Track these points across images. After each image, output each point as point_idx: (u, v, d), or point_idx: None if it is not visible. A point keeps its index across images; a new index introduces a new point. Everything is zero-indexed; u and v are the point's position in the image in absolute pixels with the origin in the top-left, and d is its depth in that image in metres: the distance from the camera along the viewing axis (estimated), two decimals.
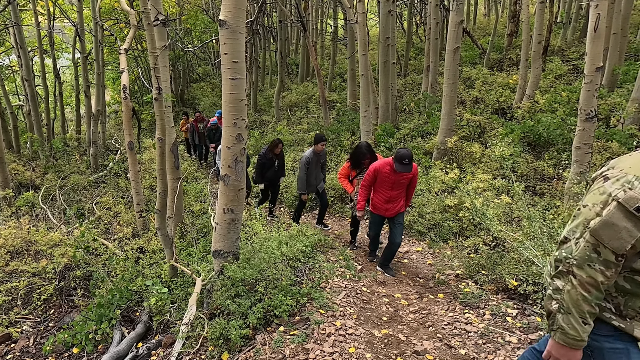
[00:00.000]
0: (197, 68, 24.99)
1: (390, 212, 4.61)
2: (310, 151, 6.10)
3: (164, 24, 5.40)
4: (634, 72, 8.08)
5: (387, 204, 4.57)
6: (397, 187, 4.51)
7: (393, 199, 4.55)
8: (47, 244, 5.99)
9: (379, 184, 4.53)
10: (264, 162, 6.57)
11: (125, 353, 4.04)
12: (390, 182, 4.45)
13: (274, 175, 6.74)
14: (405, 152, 4.21)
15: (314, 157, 6.08)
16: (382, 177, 4.46)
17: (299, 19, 11.99)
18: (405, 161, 4.19)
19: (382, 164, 4.47)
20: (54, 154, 11.61)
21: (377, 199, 4.62)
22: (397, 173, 4.38)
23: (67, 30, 17.22)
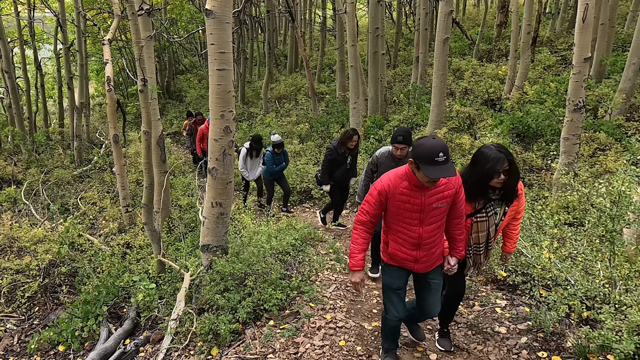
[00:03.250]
0: (183, 59, 24.59)
1: (423, 265, 2.68)
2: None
3: (149, 14, 5.26)
4: (621, 63, 8.14)
5: (415, 249, 2.62)
6: (430, 217, 2.52)
7: (425, 240, 2.58)
8: (31, 240, 5.87)
9: (393, 217, 2.59)
10: (334, 158, 5.31)
11: (113, 350, 3.99)
12: (416, 209, 2.50)
13: (344, 175, 5.44)
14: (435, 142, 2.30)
15: None
16: (398, 201, 2.51)
17: (287, 9, 11.83)
18: (439, 157, 2.25)
19: (392, 179, 2.52)
20: (36, 148, 11.35)
21: (395, 242, 2.68)
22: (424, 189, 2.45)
23: (48, 20, 16.75)
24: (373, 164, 4.08)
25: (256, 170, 6.96)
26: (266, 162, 6.59)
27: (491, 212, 2.68)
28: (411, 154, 2.42)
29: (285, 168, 6.83)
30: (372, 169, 4.11)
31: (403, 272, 2.75)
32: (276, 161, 6.60)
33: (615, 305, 2.99)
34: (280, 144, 6.48)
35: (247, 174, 6.88)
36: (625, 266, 3.21)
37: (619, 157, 5.49)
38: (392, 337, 2.91)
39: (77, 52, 11.40)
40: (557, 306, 3.17)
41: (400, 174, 2.51)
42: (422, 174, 2.33)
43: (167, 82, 20.25)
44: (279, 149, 6.49)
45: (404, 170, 2.50)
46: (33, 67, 14.53)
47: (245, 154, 6.72)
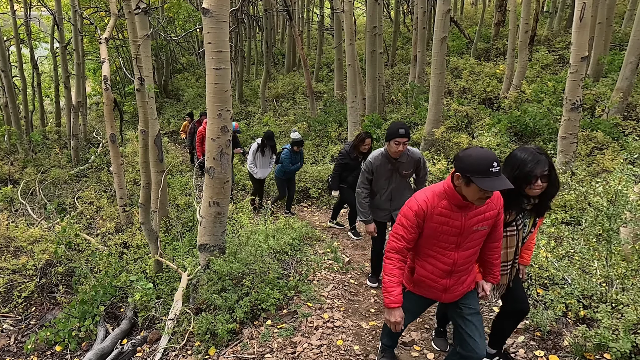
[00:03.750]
0: (180, 58, 24.53)
1: (451, 295, 2.36)
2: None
3: (146, 13, 5.24)
4: (618, 62, 8.16)
5: (446, 277, 2.30)
6: (468, 241, 2.21)
7: (459, 267, 2.28)
8: (27, 240, 5.84)
9: (427, 241, 2.26)
10: (347, 163, 5.10)
11: (110, 350, 3.98)
12: (454, 231, 2.17)
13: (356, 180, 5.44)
14: (486, 152, 1.98)
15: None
16: (436, 223, 2.17)
17: (284, 8, 11.80)
18: (493, 167, 1.93)
19: (430, 198, 2.17)
20: (33, 147, 11.30)
21: (423, 269, 2.34)
22: (465, 209, 2.13)
23: (45, 18, 16.67)
24: (368, 171, 3.58)
25: (267, 170, 6.63)
26: (282, 160, 6.21)
27: (521, 225, 2.39)
28: (456, 167, 2.04)
29: (300, 168, 6.53)
30: (367, 177, 3.60)
31: (426, 301, 2.48)
32: (293, 160, 6.25)
33: (612, 304, 2.99)
34: (300, 142, 6.13)
35: (256, 171, 6.48)
36: (622, 265, 3.22)
37: (616, 156, 5.50)
38: (392, 334, 2.82)
39: (74, 51, 11.34)
40: (554, 305, 3.18)
41: (439, 191, 2.16)
42: (474, 189, 1.98)
43: (164, 81, 20.20)
44: (297, 148, 6.14)
45: (442, 187, 2.15)
46: (29, 66, 14.47)
47: (256, 149, 6.37)
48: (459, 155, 2.06)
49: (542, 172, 2.17)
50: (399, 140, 3.35)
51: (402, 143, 3.36)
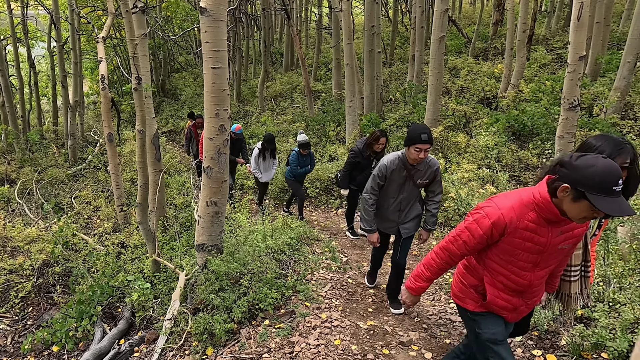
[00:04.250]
0: (178, 57, 24.48)
1: (518, 315, 2.10)
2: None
3: (143, 12, 5.22)
4: (616, 61, 8.17)
5: (517, 297, 2.01)
6: (549, 260, 1.91)
7: (534, 288, 2.00)
8: (24, 239, 5.83)
9: (502, 258, 1.92)
10: (358, 162, 4.97)
11: (107, 350, 3.96)
12: (537, 249, 1.85)
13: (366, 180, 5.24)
14: (610, 164, 1.58)
15: None
16: (519, 239, 1.84)
17: (282, 7, 11.78)
18: (618, 185, 1.56)
19: (517, 208, 1.81)
20: (30, 146, 11.27)
21: (493, 287, 2.01)
22: (555, 224, 1.80)
23: (42, 17, 16.61)
24: (381, 176, 3.20)
25: (271, 172, 6.56)
26: (290, 162, 6.10)
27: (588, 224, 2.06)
28: (565, 177, 1.62)
29: (310, 172, 6.34)
30: (379, 183, 3.23)
31: (498, 317, 2.08)
32: (301, 163, 6.09)
33: (610, 303, 3.00)
34: (307, 145, 5.93)
35: (260, 175, 6.44)
36: (619, 264, 3.23)
37: None
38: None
39: (71, 50, 11.31)
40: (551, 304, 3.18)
41: (527, 201, 1.78)
42: (584, 207, 1.60)
43: (162, 80, 20.16)
44: (305, 150, 5.95)
45: (530, 196, 1.77)
46: (26, 65, 14.41)
47: (258, 154, 6.33)
48: (574, 163, 1.61)
49: (623, 163, 1.87)
50: (421, 147, 2.95)
51: (424, 150, 2.96)
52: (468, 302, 2.10)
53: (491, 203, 1.88)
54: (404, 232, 3.41)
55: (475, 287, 2.07)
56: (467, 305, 2.10)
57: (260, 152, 6.37)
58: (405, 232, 3.40)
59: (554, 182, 1.69)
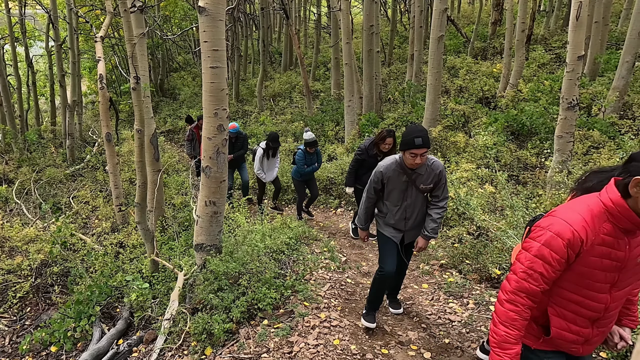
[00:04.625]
0: (177, 57, 24.44)
1: (590, 347, 1.77)
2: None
3: (142, 11, 5.21)
4: (615, 61, 8.18)
5: (590, 326, 1.70)
6: (628, 277, 1.65)
7: (610, 312, 1.70)
8: (22, 240, 5.81)
9: (575, 281, 1.63)
10: (363, 160, 4.87)
11: (106, 350, 3.95)
12: (615, 266, 1.59)
13: None
14: None
15: None
16: (595, 256, 1.57)
17: (281, 6, 11.77)
18: None
19: (589, 221, 1.55)
20: (28, 146, 11.24)
21: (561, 318, 1.70)
22: (632, 234, 1.56)
23: (40, 17, 16.56)
24: (376, 181, 3.02)
25: (273, 171, 6.53)
26: (297, 161, 5.96)
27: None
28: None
29: (317, 169, 6.22)
30: (375, 188, 3.06)
31: (560, 356, 1.76)
32: (308, 161, 5.98)
33: None
34: (314, 143, 5.83)
35: (263, 176, 6.42)
36: None
37: (612, 155, 5.52)
38: None
39: (69, 50, 11.27)
40: None
41: (598, 211, 1.53)
42: None
43: (160, 80, 20.12)
44: (311, 148, 5.85)
45: (599, 204, 1.53)
46: (24, 65, 14.37)
47: (262, 154, 6.26)
48: None
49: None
50: (416, 152, 2.71)
51: (420, 155, 2.71)
52: (528, 338, 1.76)
53: (555, 220, 1.56)
54: (407, 239, 3.22)
55: (536, 320, 1.74)
56: (528, 341, 1.76)
57: (265, 152, 6.28)
58: (409, 238, 3.23)
59: (623, 179, 1.48)
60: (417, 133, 2.68)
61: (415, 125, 2.76)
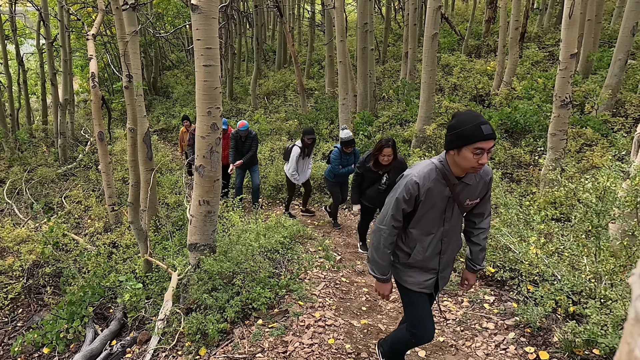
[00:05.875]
0: (170, 55, 24.28)
1: None
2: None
3: (134, 8, 5.16)
4: (607, 59, 8.24)
5: None
6: None
7: None
8: (14, 240, 5.75)
9: None
10: (362, 173, 4.46)
11: (99, 351, 3.92)
12: None
13: (377, 196, 4.40)
14: None
15: None
16: None
17: (275, 4, 11.71)
18: None
19: None
20: (19, 145, 11.11)
21: None
22: None
23: (31, 14, 16.36)
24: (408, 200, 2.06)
25: (307, 173, 6.07)
26: (331, 161, 5.51)
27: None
28: None
29: (353, 171, 5.47)
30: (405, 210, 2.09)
31: None
32: (343, 162, 5.50)
33: (601, 299, 3.02)
34: (351, 142, 5.30)
35: (297, 177, 5.91)
36: (611, 261, 3.24)
37: (605, 153, 5.56)
38: None
39: (61, 48, 11.16)
40: (544, 301, 3.20)
41: None
42: None
43: (153, 78, 19.97)
44: (348, 148, 5.32)
45: None
46: (15, 63, 14.20)
47: (299, 154, 5.75)
48: None
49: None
50: (484, 146, 1.84)
51: (488, 150, 1.86)
52: None
53: None
54: (442, 284, 2.29)
55: None
56: None
57: (301, 149, 5.80)
58: (444, 283, 2.30)
59: None
60: (480, 119, 1.86)
61: (470, 111, 1.93)
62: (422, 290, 2.21)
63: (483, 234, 2.24)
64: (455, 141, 1.91)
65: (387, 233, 2.10)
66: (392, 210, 2.07)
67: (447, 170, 2.00)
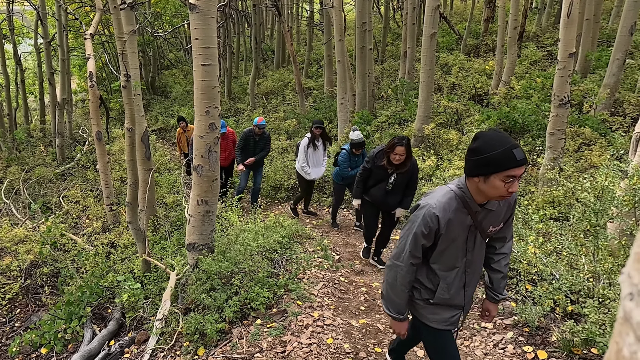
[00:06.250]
0: (168, 54, 24.21)
1: None
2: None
3: (132, 8, 5.15)
4: (606, 58, 8.24)
5: None
6: None
7: None
8: (11, 240, 5.73)
9: None
10: (369, 169, 4.18)
11: (97, 352, 3.91)
12: None
13: (382, 196, 4.13)
14: None
15: None
16: None
17: (273, 3, 11.69)
18: None
19: None
20: (16, 145, 11.08)
21: None
22: None
23: (28, 13, 16.30)
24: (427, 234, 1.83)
25: (320, 169, 5.79)
26: (339, 163, 5.33)
27: None
28: None
29: None
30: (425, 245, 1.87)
31: None
32: (352, 164, 5.34)
33: (599, 299, 3.02)
34: (361, 144, 5.11)
35: (308, 171, 5.64)
36: (609, 260, 3.25)
37: (604, 152, 5.56)
38: None
39: (59, 47, 11.12)
40: (542, 301, 3.20)
41: None
42: None
43: (151, 78, 19.92)
44: (357, 149, 5.15)
45: None
46: (13, 62, 14.15)
47: (307, 143, 5.50)
48: None
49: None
50: (516, 174, 1.64)
51: (519, 178, 1.66)
52: None
53: None
54: (464, 317, 2.11)
55: None
56: None
57: (310, 141, 5.55)
58: (465, 316, 2.12)
59: None
60: (510, 142, 1.65)
61: (497, 132, 1.70)
62: (447, 327, 1.99)
63: (505, 260, 2.06)
64: (482, 167, 1.67)
65: (404, 271, 1.89)
66: (409, 247, 1.85)
67: (468, 198, 1.79)
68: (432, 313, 1.97)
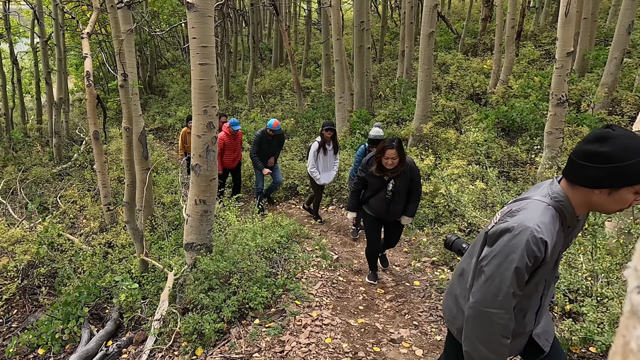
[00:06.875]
0: (165, 53, 24.14)
1: None
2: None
3: (129, 7, 5.12)
4: (603, 57, 8.25)
5: None
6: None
7: None
8: (8, 240, 5.70)
9: None
10: (363, 178, 3.74)
11: (95, 352, 3.90)
12: None
13: (383, 206, 3.68)
14: None
15: None
16: None
17: (271, 2, 11.66)
18: None
19: None
20: (13, 145, 11.03)
21: None
22: None
23: (25, 13, 16.22)
24: (531, 265, 1.46)
25: (330, 173, 5.66)
26: (356, 161, 5.17)
27: None
28: None
29: None
30: (524, 279, 1.50)
31: None
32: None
33: (597, 298, 3.02)
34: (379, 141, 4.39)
35: (318, 176, 5.52)
36: (607, 259, 3.25)
37: None
38: None
39: (55, 46, 11.06)
40: None
41: None
42: None
43: (149, 77, 19.85)
44: (374, 147, 4.73)
45: None
46: (9, 62, 14.07)
47: (317, 148, 5.43)
48: None
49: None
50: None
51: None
52: None
53: None
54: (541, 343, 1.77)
55: None
56: None
57: (320, 145, 5.47)
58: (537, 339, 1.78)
59: None
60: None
61: (628, 132, 1.34)
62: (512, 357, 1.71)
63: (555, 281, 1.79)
64: (617, 178, 1.30)
65: (507, 318, 1.47)
66: (510, 286, 1.45)
67: (568, 212, 1.46)
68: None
